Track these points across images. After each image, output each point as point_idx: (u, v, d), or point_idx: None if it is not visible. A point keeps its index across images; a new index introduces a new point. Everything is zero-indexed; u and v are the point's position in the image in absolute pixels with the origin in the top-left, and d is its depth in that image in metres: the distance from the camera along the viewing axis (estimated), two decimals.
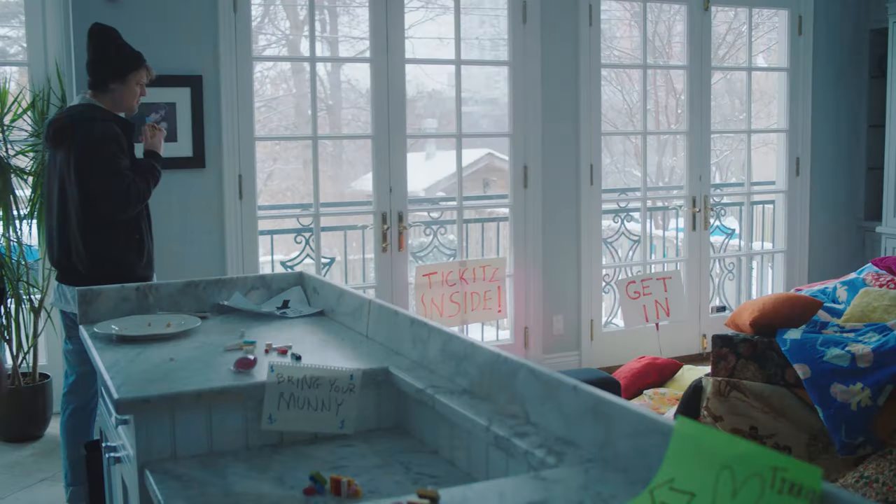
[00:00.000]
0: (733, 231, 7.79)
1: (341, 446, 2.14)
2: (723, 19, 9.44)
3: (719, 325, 6.58)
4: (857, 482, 3.79)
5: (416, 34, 8.97)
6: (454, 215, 6.21)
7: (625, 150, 12.19)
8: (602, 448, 1.64)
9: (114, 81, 3.95)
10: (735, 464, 1.32)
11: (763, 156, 9.61)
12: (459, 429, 1.99)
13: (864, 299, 4.50)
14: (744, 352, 4.23)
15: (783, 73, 7.09)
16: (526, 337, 6.23)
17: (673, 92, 12.06)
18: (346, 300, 2.86)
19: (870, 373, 3.93)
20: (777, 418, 4.08)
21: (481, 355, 2.05)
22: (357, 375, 2.18)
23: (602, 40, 6.36)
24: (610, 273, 6.91)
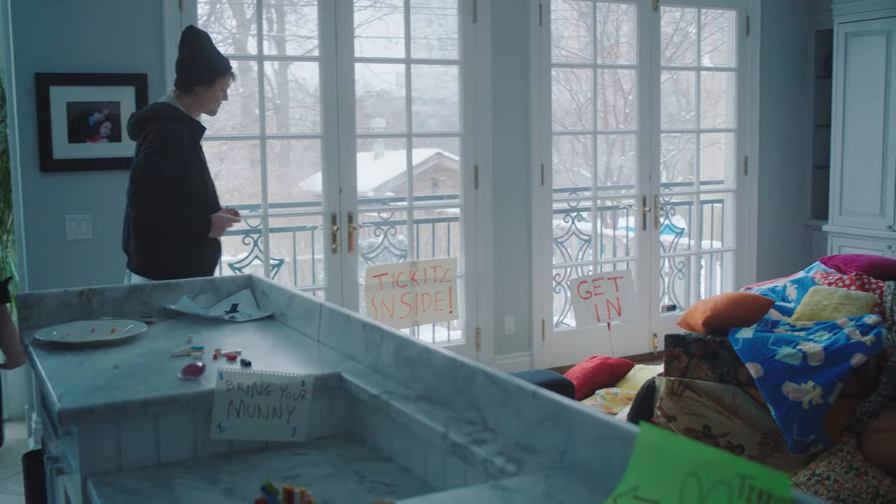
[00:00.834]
0: (682, 230, 7.83)
1: (293, 455, 2.09)
2: (669, 20, 9.49)
3: (670, 324, 6.60)
4: (809, 480, 3.81)
5: (364, 33, 8.90)
6: (404, 216, 6.16)
7: (573, 149, 12.22)
8: (563, 455, 1.61)
9: (200, 85, 4.07)
10: (701, 471, 1.28)
11: (710, 155, 9.68)
12: (415, 436, 1.94)
13: (813, 298, 4.52)
14: (696, 351, 4.23)
15: (731, 73, 7.13)
16: (477, 338, 6.20)
17: (621, 91, 12.12)
18: (297, 304, 2.80)
19: (821, 371, 3.95)
20: (730, 417, 4.09)
21: (437, 360, 2.00)
22: (309, 381, 2.13)
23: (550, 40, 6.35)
24: (561, 273, 6.90)
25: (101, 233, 4.98)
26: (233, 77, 4.21)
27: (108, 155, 5.00)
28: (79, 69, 4.93)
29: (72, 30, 4.91)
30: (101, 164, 4.98)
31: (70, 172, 4.94)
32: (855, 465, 3.82)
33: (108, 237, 4.97)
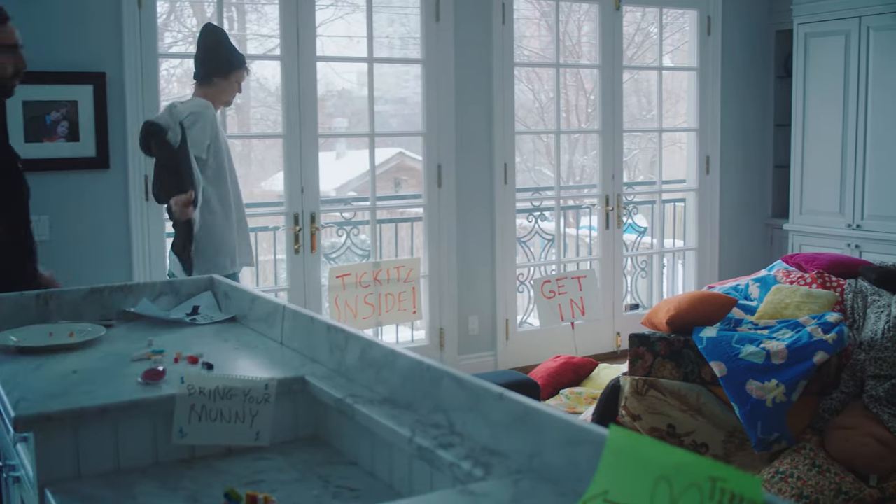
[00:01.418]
0: (645, 229, 7.86)
1: (257, 460, 2.05)
2: (630, 20, 9.52)
3: (633, 323, 6.61)
4: (773, 477, 3.82)
5: (325, 32, 8.84)
6: (367, 215, 6.13)
7: (535, 148, 12.22)
8: (531, 459, 1.59)
9: (218, 76, 4.43)
10: (672, 474, 1.27)
11: (671, 154, 9.72)
12: (381, 440, 1.91)
13: (776, 296, 4.54)
14: (661, 350, 4.24)
15: (693, 72, 7.17)
16: (441, 338, 6.18)
17: (583, 91, 12.14)
18: (260, 306, 2.76)
19: (784, 369, 3.97)
20: (694, 416, 4.10)
21: (402, 363, 1.98)
22: (272, 385, 2.09)
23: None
24: (524, 272, 6.90)
25: (60, 234, 4.90)
26: (247, 71, 4.55)
27: (65, 155, 4.93)
28: (35, 67, 4.83)
29: (29, 27, 4.81)
30: (58, 164, 4.90)
31: (26, 172, 4.85)
32: (817, 462, 3.84)
33: (67, 238, 4.89)
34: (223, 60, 4.46)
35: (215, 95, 4.47)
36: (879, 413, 3.98)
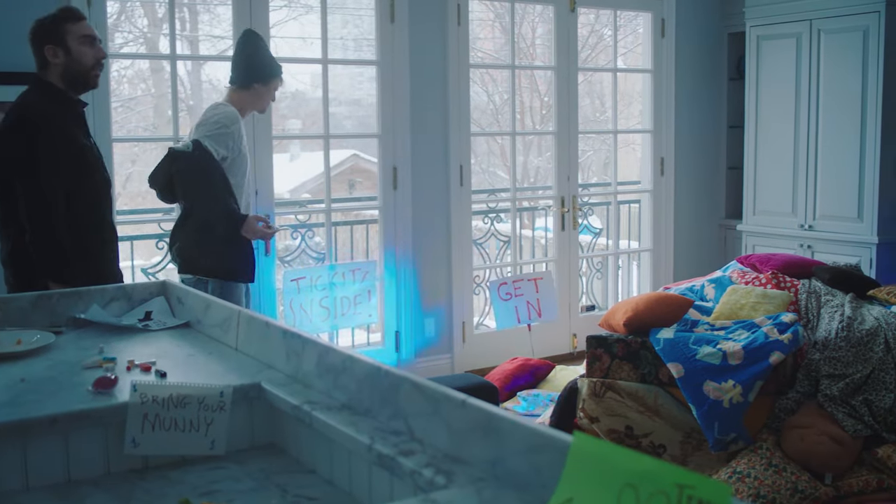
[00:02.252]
0: (600, 230, 7.88)
1: (212, 469, 2.00)
2: (584, 22, 9.56)
3: (589, 324, 6.63)
4: (731, 478, 3.83)
5: (279, 34, 8.77)
6: (322, 218, 6.08)
7: (489, 150, 12.24)
8: (494, 466, 1.56)
9: (258, 82, 4.48)
10: (638, 481, 1.25)
11: (624, 156, 9.78)
12: (339, 447, 1.87)
13: (732, 297, 4.57)
14: (618, 352, 4.24)
15: (647, 74, 7.20)
16: (398, 341, 6.14)
17: (537, 93, 12.17)
18: (214, 311, 2.70)
19: (740, 370, 3.98)
20: (652, 417, 4.10)
21: (360, 368, 1.94)
22: (227, 392, 2.05)
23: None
24: (481, 274, 6.88)
25: None
26: (281, 81, 4.60)
27: None
28: None
29: None
30: None
31: None
32: (774, 461, 3.86)
33: None
34: (265, 66, 4.51)
35: (251, 101, 4.53)
36: (834, 412, 4.01)
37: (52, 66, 3.58)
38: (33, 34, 3.61)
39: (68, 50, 3.56)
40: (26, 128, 3.51)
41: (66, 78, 3.60)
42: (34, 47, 3.60)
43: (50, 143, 3.51)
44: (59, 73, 3.58)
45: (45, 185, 3.49)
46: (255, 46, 4.55)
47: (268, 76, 4.53)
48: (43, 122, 3.53)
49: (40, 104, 3.57)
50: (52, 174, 3.51)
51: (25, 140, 3.49)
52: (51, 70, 3.59)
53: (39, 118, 3.53)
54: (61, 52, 3.56)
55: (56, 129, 3.55)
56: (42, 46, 3.57)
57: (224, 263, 4.41)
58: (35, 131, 3.50)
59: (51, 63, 3.57)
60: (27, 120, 3.53)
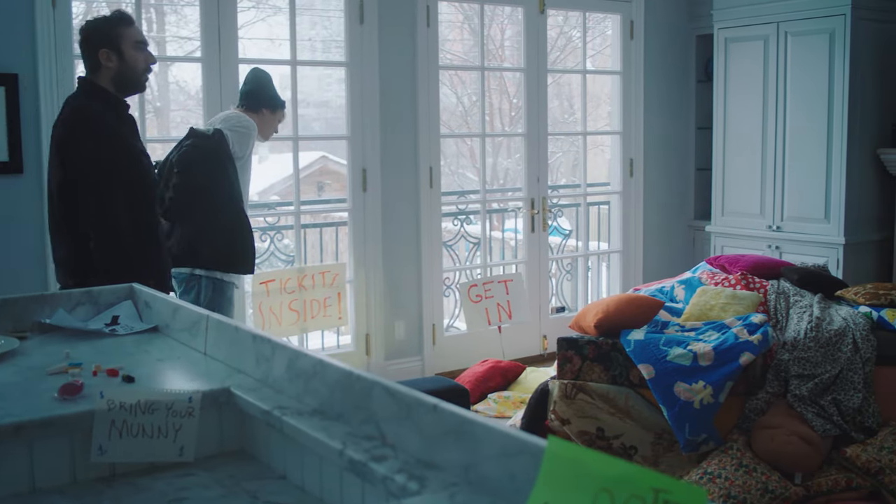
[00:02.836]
0: (569, 232, 7.89)
1: (181, 476, 1.97)
2: (552, 24, 9.58)
3: (559, 325, 6.64)
4: (702, 478, 3.84)
5: (246, 35, 8.71)
6: (291, 220, 6.04)
7: (458, 152, 12.22)
8: (467, 471, 1.54)
9: (267, 108, 4.78)
10: (613, 486, 1.23)
11: (592, 157, 9.80)
12: (310, 453, 1.85)
13: (701, 298, 4.58)
14: (589, 354, 4.24)
15: (616, 76, 7.21)
16: (367, 343, 6.12)
17: (506, 94, 12.17)
18: (182, 315, 2.67)
19: (711, 371, 3.99)
20: (623, 419, 4.10)
21: (331, 373, 1.92)
22: (196, 397, 2.02)
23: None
24: (451, 276, 6.87)
25: None
26: (284, 115, 4.92)
27: None
28: None
29: None
30: None
31: None
32: (744, 462, 3.87)
33: None
34: (274, 95, 4.83)
35: (259, 126, 4.76)
36: (803, 412, 4.03)
37: (104, 69, 3.59)
38: (87, 37, 3.61)
39: (122, 54, 3.58)
40: (89, 132, 3.53)
41: (116, 81, 3.61)
42: (87, 50, 3.60)
43: (111, 148, 3.54)
44: (111, 76, 3.59)
45: (107, 190, 3.49)
46: (266, 79, 4.87)
47: (276, 105, 4.82)
48: (104, 128, 3.56)
49: (97, 109, 3.58)
50: (114, 179, 3.51)
51: (91, 145, 3.50)
52: (102, 73, 3.59)
53: (99, 123, 3.56)
54: (115, 57, 3.57)
55: (115, 133, 3.58)
56: (97, 50, 3.56)
57: (226, 252, 4.45)
58: (97, 136, 3.53)
59: (104, 66, 3.58)
60: (89, 125, 3.54)
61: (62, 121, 3.59)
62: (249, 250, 4.54)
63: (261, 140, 4.94)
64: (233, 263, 4.49)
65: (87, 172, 3.49)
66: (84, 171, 3.49)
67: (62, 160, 3.53)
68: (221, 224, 4.40)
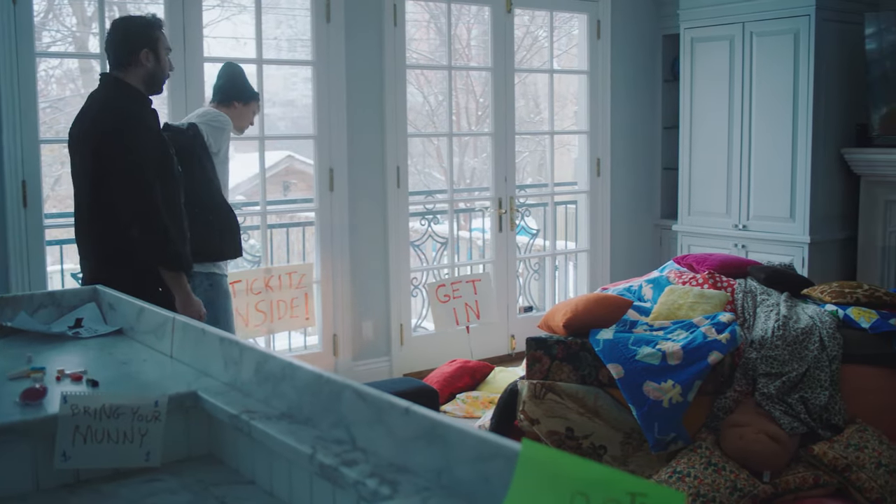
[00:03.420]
0: (537, 231, 7.89)
1: (147, 481, 1.94)
2: (518, 23, 9.59)
3: (527, 325, 6.63)
4: (671, 477, 3.84)
5: (211, 34, 8.65)
6: (258, 220, 5.99)
7: (425, 151, 12.21)
8: (440, 475, 1.52)
9: (238, 100, 4.77)
10: (589, 489, 1.22)
11: (559, 157, 9.83)
12: (279, 457, 1.82)
13: (669, 297, 4.59)
14: (558, 353, 4.23)
15: (583, 75, 7.22)
16: (335, 344, 6.08)
17: (472, 94, 12.17)
18: (147, 317, 2.63)
19: (680, 370, 4.00)
20: (592, 419, 4.10)
21: (301, 376, 1.89)
22: (162, 402, 1.98)
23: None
24: (418, 276, 6.85)
25: None
26: (258, 107, 4.93)
27: None
28: None
29: None
30: None
31: None
32: (713, 460, 3.87)
33: None
34: (245, 87, 4.83)
35: (233, 119, 4.73)
36: (771, 410, 4.04)
37: (140, 68, 3.70)
38: (127, 36, 3.72)
39: (158, 57, 3.74)
40: (136, 127, 3.63)
41: (147, 81, 3.73)
42: (125, 47, 3.69)
43: (154, 142, 3.67)
44: (143, 76, 3.71)
45: (150, 181, 3.58)
46: (236, 72, 4.85)
47: (247, 97, 4.81)
48: (148, 123, 3.69)
49: (136, 105, 3.69)
50: (157, 171, 3.62)
51: (139, 139, 3.61)
52: (135, 71, 3.70)
53: (143, 118, 3.68)
54: (153, 58, 3.71)
55: (154, 128, 3.73)
56: (139, 49, 3.68)
57: (213, 241, 4.43)
58: (146, 130, 3.65)
59: (141, 66, 3.70)
60: (133, 120, 3.64)
61: (97, 117, 3.68)
62: (235, 233, 4.56)
63: (236, 133, 4.91)
64: (221, 251, 4.51)
65: (136, 164, 3.56)
66: (134, 163, 3.56)
67: (100, 154, 3.60)
68: (204, 217, 4.36)
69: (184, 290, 3.67)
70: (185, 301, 3.67)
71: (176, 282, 3.65)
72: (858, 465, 3.84)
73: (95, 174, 3.62)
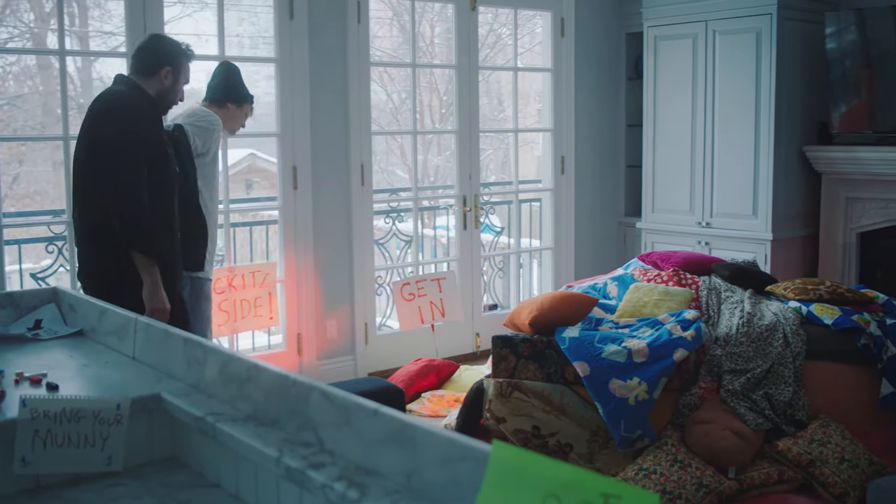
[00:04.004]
0: (501, 229, 7.89)
1: (109, 486, 1.90)
2: (482, 21, 9.58)
3: (492, 323, 6.63)
4: (637, 474, 3.85)
5: (173, 30, 8.55)
6: (221, 219, 5.92)
7: (388, 149, 12.16)
8: (409, 478, 1.50)
9: (233, 102, 4.75)
10: (561, 491, 1.20)
11: (523, 154, 9.83)
12: (245, 460, 1.79)
13: (634, 295, 4.60)
14: (524, 352, 4.22)
15: (547, 73, 7.22)
16: (299, 343, 6.04)
17: (436, 92, 12.15)
18: (109, 318, 2.58)
19: (645, 367, 4.01)
20: (558, 416, 4.10)
21: (266, 377, 1.86)
22: (125, 404, 1.95)
23: None
24: (383, 275, 6.82)
25: None
26: (252, 109, 4.86)
27: None
28: None
29: None
30: None
31: None
32: (679, 457, 3.89)
33: None
34: (239, 89, 4.80)
35: (224, 120, 4.71)
36: (736, 407, 4.06)
37: (157, 82, 3.85)
38: (158, 48, 3.89)
39: (176, 81, 3.90)
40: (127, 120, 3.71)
41: (158, 96, 3.88)
42: (152, 59, 3.85)
43: (146, 132, 3.75)
44: (157, 90, 3.85)
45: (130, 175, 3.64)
46: (232, 71, 4.84)
47: (241, 99, 4.79)
48: (141, 112, 3.77)
49: (140, 99, 3.79)
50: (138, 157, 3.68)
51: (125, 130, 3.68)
52: (150, 83, 3.84)
53: (136, 107, 3.76)
54: (171, 80, 3.87)
55: (153, 123, 3.84)
56: (163, 65, 3.85)
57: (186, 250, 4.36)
58: (132, 115, 3.73)
59: (160, 81, 3.85)
60: (131, 107, 3.74)
61: (96, 107, 3.81)
62: (198, 243, 4.48)
63: (227, 135, 4.88)
64: (198, 263, 4.48)
65: (125, 154, 3.63)
66: (123, 153, 3.63)
67: (92, 143, 3.70)
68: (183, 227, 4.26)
69: (152, 278, 3.66)
70: (151, 292, 3.67)
71: (145, 268, 3.65)
72: (822, 461, 3.87)
73: (86, 156, 3.71)
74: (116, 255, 3.67)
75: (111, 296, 3.07)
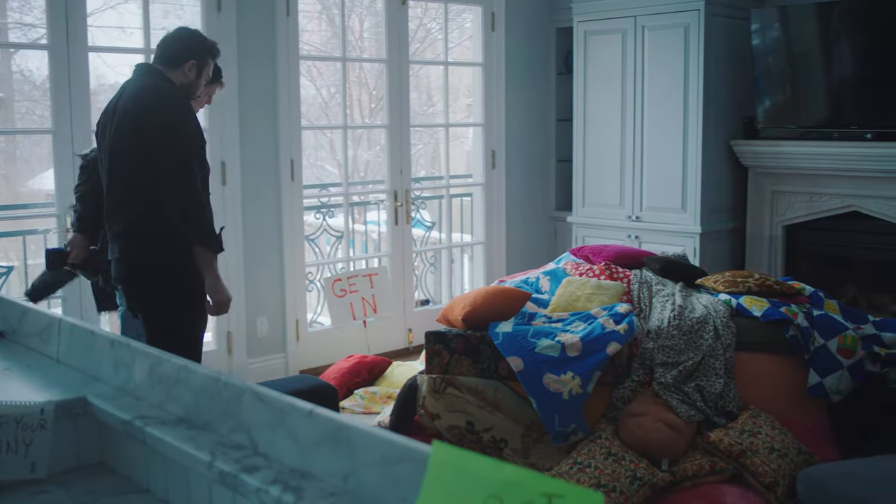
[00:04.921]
0: (432, 224, 7.87)
1: (33, 494, 1.83)
2: (412, 15, 9.54)
3: (424, 318, 6.61)
4: (572, 468, 3.86)
5: (95, 23, 8.36)
6: None
7: (317, 144, 12.05)
8: (346, 480, 1.47)
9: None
10: (504, 492, 1.18)
11: (453, 149, 9.81)
12: (176, 464, 1.74)
13: (567, 289, 4.61)
14: (457, 347, 4.21)
15: (477, 68, 7.21)
16: (229, 341, 5.94)
17: (366, 86, 12.06)
18: (32, 319, 2.50)
19: (578, 361, 4.02)
20: (492, 412, 4.09)
21: (197, 379, 1.81)
22: (49, 409, 1.88)
23: None
24: (313, 271, 6.75)
25: None
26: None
27: None
28: None
29: None
30: None
31: None
32: (613, 450, 3.90)
33: None
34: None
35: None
36: (668, 399, 4.09)
37: (179, 74, 3.79)
38: (186, 42, 3.82)
39: (199, 74, 3.84)
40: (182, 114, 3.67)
41: (182, 88, 3.82)
42: (179, 50, 3.79)
43: (197, 130, 3.73)
44: (180, 82, 3.80)
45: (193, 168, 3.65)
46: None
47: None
48: (190, 112, 3.75)
49: (175, 91, 3.73)
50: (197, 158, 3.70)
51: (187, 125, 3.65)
52: (174, 74, 3.79)
53: (187, 107, 3.73)
54: (194, 74, 3.82)
55: (193, 113, 3.79)
56: (188, 58, 3.78)
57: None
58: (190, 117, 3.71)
59: (183, 73, 3.79)
60: (182, 107, 3.68)
61: (139, 98, 3.65)
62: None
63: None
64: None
65: (182, 150, 3.61)
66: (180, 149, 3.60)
67: (141, 136, 3.59)
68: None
69: (213, 272, 3.69)
70: (214, 285, 3.69)
71: (206, 262, 3.66)
72: (752, 451, 3.92)
73: (139, 156, 3.61)
74: (162, 248, 3.66)
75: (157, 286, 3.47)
